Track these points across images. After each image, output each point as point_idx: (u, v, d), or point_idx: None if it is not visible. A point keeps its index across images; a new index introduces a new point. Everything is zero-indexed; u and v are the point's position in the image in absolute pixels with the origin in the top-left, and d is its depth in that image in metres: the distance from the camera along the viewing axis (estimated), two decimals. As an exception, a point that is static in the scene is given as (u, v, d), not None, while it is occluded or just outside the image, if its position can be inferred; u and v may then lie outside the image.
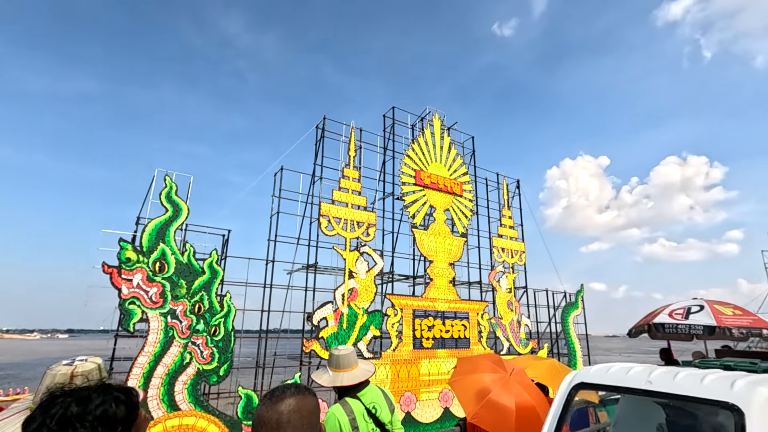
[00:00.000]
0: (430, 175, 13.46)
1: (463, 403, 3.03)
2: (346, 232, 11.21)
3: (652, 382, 2.27)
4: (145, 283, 8.31)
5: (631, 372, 2.43)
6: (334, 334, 10.35)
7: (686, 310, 4.11)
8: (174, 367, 8.30)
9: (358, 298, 10.96)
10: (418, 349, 11.71)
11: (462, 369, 3.28)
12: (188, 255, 8.91)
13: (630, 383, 2.35)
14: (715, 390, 2.05)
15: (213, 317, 8.93)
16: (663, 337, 4.30)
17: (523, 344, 14.30)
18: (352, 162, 11.92)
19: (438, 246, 13.00)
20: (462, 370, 3.27)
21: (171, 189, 8.95)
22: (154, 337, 8.24)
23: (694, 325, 4.08)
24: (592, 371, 2.55)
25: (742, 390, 1.98)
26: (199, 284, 8.90)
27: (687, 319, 3.98)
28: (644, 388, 2.29)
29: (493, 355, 3.50)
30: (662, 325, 3.98)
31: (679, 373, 2.27)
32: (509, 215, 15.66)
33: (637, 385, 2.32)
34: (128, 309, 8.05)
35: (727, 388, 2.02)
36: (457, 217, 13.85)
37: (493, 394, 2.86)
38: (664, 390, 2.22)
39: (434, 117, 14.35)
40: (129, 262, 8.21)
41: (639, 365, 2.50)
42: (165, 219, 8.77)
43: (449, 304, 12.66)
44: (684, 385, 2.18)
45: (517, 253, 15.39)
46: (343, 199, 11.40)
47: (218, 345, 8.86)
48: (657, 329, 4.01)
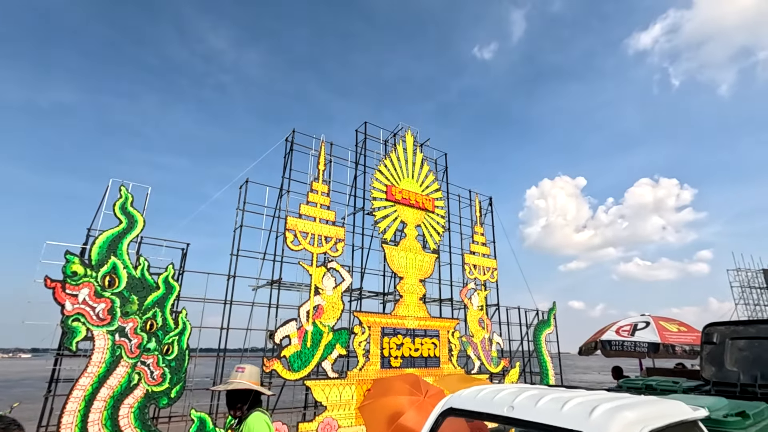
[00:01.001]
0: (401, 190, 13.38)
1: (371, 429, 2.81)
2: (313, 247, 10.95)
3: (514, 408, 2.07)
4: (92, 299, 7.84)
5: (497, 396, 2.22)
6: (297, 353, 9.97)
7: (633, 326, 4.02)
8: (120, 389, 7.78)
9: (323, 315, 10.64)
10: (386, 368, 11.38)
11: (375, 392, 3.08)
12: (142, 269, 8.49)
13: (494, 409, 2.12)
14: (572, 418, 1.87)
15: (166, 335, 8.47)
16: (615, 355, 4.19)
17: (495, 363, 14.12)
18: (321, 176, 11.75)
19: (408, 262, 12.83)
20: (375, 392, 3.07)
21: (126, 200, 8.57)
22: (99, 356, 7.73)
23: (640, 342, 3.99)
24: (463, 395, 2.30)
25: (599, 418, 1.80)
26: (153, 300, 8.47)
27: (633, 335, 3.89)
28: (506, 414, 2.08)
29: (411, 376, 3.31)
30: (609, 342, 3.87)
31: (544, 396, 2.08)
32: (481, 232, 15.67)
33: (499, 411, 2.09)
34: (71, 326, 7.55)
35: (585, 416, 1.85)
36: (428, 233, 13.76)
37: (404, 418, 2.65)
38: (524, 417, 2.01)
39: (407, 133, 14.38)
40: (75, 276, 7.75)
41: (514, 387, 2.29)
42: (118, 231, 8.36)
43: (419, 322, 12.43)
44: (544, 412, 1.99)
45: (489, 270, 15.35)
46: (310, 213, 11.18)
47: (171, 365, 8.39)
48: (604, 346, 3.89)
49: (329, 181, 11.93)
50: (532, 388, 2.27)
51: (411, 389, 2.85)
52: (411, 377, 3.12)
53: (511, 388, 2.25)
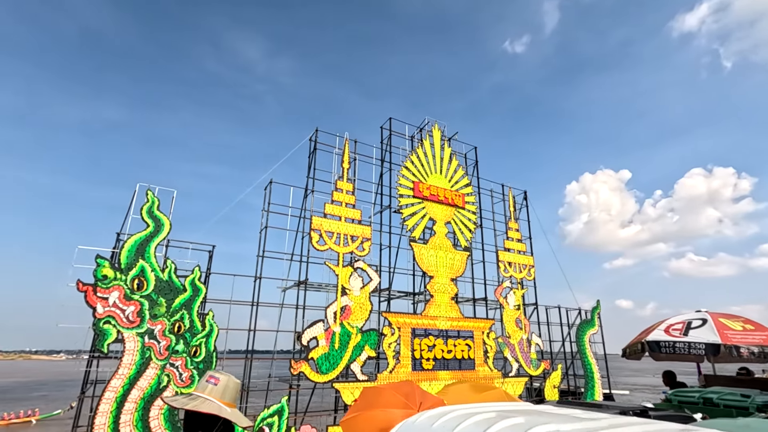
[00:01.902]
0: (429, 186, 12.96)
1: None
2: (339, 246, 10.74)
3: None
4: (122, 302, 7.97)
5: (438, 423, 1.81)
6: (325, 354, 9.78)
7: (686, 324, 3.44)
8: (150, 391, 7.86)
9: (351, 316, 10.40)
10: (418, 370, 10.99)
11: (362, 403, 2.71)
12: (169, 272, 8.57)
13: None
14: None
15: (194, 337, 8.50)
16: (666, 358, 3.62)
17: (534, 365, 13.37)
18: (346, 174, 11.54)
19: (439, 260, 12.38)
20: (361, 404, 2.70)
21: (153, 204, 8.70)
22: (130, 358, 7.85)
23: (695, 343, 3.39)
24: (417, 422, 1.87)
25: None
26: (180, 302, 8.53)
27: (686, 335, 3.32)
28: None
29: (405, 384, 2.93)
30: (657, 343, 3.32)
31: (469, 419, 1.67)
32: (516, 228, 14.95)
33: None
34: (103, 329, 7.70)
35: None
36: (459, 230, 13.24)
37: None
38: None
39: (434, 127, 13.94)
40: (105, 279, 7.91)
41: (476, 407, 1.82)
42: (145, 235, 8.49)
43: (451, 322, 11.94)
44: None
45: (526, 267, 14.59)
46: (335, 212, 10.99)
47: (199, 367, 8.41)
48: (652, 348, 3.34)
49: (354, 179, 11.70)
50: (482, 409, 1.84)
51: (404, 401, 2.50)
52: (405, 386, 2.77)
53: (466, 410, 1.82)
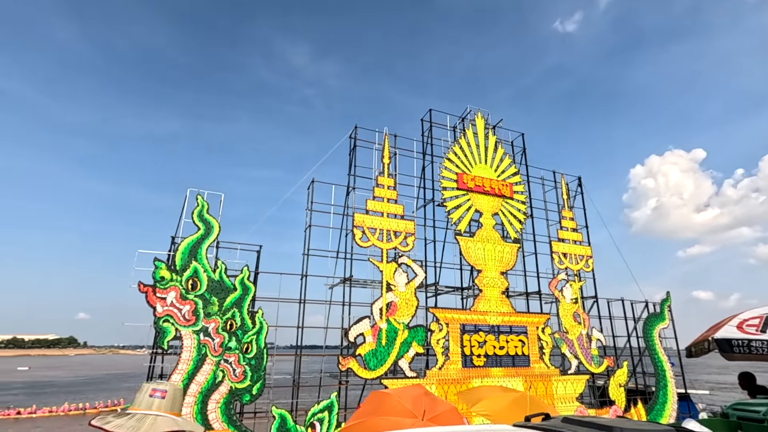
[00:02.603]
0: (474, 177, 12.52)
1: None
2: (382, 242, 10.67)
3: None
4: (179, 301, 8.44)
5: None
6: (372, 351, 9.77)
7: (763, 319, 2.92)
8: (207, 386, 8.26)
9: (397, 312, 10.31)
10: (469, 367, 10.68)
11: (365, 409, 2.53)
12: (220, 272, 8.95)
13: None
14: None
15: (245, 334, 8.82)
16: (741, 358, 3.13)
17: (596, 362, 12.52)
18: (387, 170, 11.43)
19: (487, 254, 11.93)
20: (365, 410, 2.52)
21: (202, 207, 9.12)
22: (188, 354, 8.29)
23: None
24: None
25: None
26: (231, 301, 8.88)
27: (764, 332, 2.81)
28: None
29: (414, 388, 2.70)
30: (728, 341, 2.84)
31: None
32: (570, 216, 14.06)
33: None
34: (162, 327, 8.20)
35: None
36: (507, 222, 12.68)
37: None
38: None
39: (476, 116, 13.44)
40: (163, 280, 8.41)
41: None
42: (197, 237, 8.92)
43: (503, 318, 11.48)
44: None
45: (583, 258, 13.69)
46: (377, 208, 10.92)
47: (251, 363, 8.71)
48: (722, 347, 2.87)
49: (395, 174, 11.56)
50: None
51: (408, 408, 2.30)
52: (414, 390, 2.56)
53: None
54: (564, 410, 11.35)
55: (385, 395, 2.56)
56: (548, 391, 11.38)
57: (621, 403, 12.38)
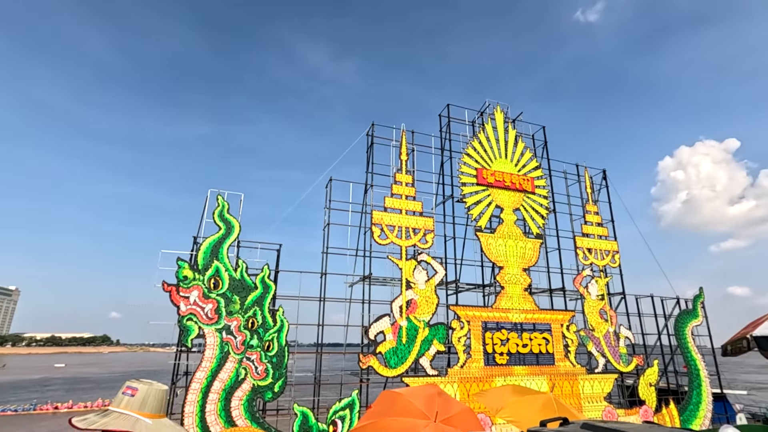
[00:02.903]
0: (494, 172, 12.29)
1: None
2: (401, 240, 10.60)
3: None
4: (201, 300, 8.59)
5: None
6: (393, 349, 9.72)
7: None
8: (230, 383, 8.38)
9: (417, 310, 10.22)
10: (491, 365, 10.51)
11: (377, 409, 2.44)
12: (241, 271, 9.07)
13: None
14: None
15: (266, 332, 8.91)
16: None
17: (624, 360, 12.12)
18: (404, 166, 11.34)
19: (508, 250, 11.71)
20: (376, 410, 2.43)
21: (223, 208, 9.25)
22: (211, 352, 8.43)
23: None
24: None
25: None
26: (252, 299, 8.98)
27: None
28: None
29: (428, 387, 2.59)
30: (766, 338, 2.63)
31: None
32: (595, 211, 13.65)
33: None
34: (186, 325, 8.37)
35: None
36: (529, 217, 12.41)
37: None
38: None
39: (495, 110, 13.19)
40: (186, 280, 8.57)
41: None
42: (218, 237, 9.06)
43: (526, 315, 11.24)
44: None
45: (609, 253, 13.27)
46: (395, 205, 10.86)
47: (272, 360, 8.80)
48: (761, 345, 2.66)
49: (413, 170, 11.47)
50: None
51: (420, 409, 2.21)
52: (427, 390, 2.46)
53: None
54: (591, 410, 11.05)
55: (396, 395, 2.50)
56: (574, 390, 11.09)
57: (652, 403, 11.96)
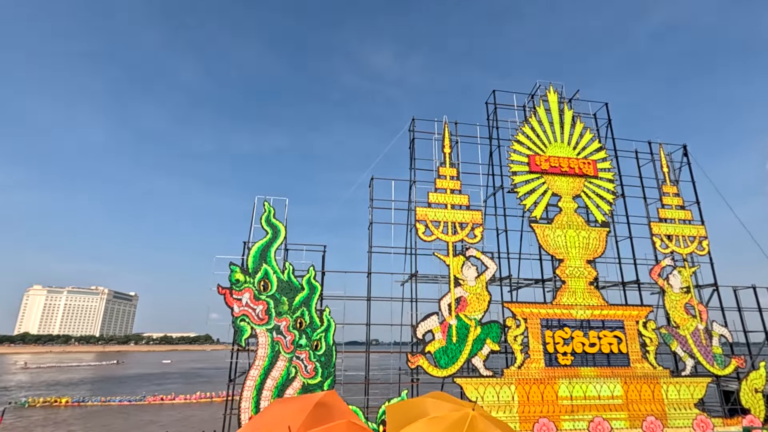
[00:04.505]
0: (548, 158, 11.40)
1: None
2: (447, 235, 10.26)
3: None
4: (253, 302, 9.05)
5: None
6: (443, 348, 9.42)
7: None
8: (282, 381, 8.72)
9: (468, 307, 9.81)
10: (553, 366, 9.73)
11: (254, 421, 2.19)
12: (288, 273, 9.40)
13: None
14: None
15: (314, 332, 9.14)
16: None
17: (720, 362, 10.49)
18: (448, 159, 10.96)
19: (568, 241, 10.77)
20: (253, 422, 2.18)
21: (269, 213, 9.68)
22: (263, 351, 8.84)
23: None
24: None
25: None
26: (300, 300, 9.27)
27: None
28: None
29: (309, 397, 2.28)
30: None
31: None
32: (674, 192, 12.04)
33: None
34: (240, 326, 8.87)
35: None
36: (592, 203, 11.31)
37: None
38: None
39: (548, 91, 12.23)
40: (238, 283, 9.10)
41: None
42: (266, 241, 9.48)
43: (592, 311, 10.24)
44: None
45: (694, 240, 11.60)
46: (440, 200, 10.53)
47: (321, 359, 8.99)
48: None
49: (458, 163, 11.04)
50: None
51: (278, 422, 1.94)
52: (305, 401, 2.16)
53: None
54: (678, 418, 9.74)
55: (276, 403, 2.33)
56: (656, 395, 9.85)
57: (759, 412, 10.22)
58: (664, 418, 9.67)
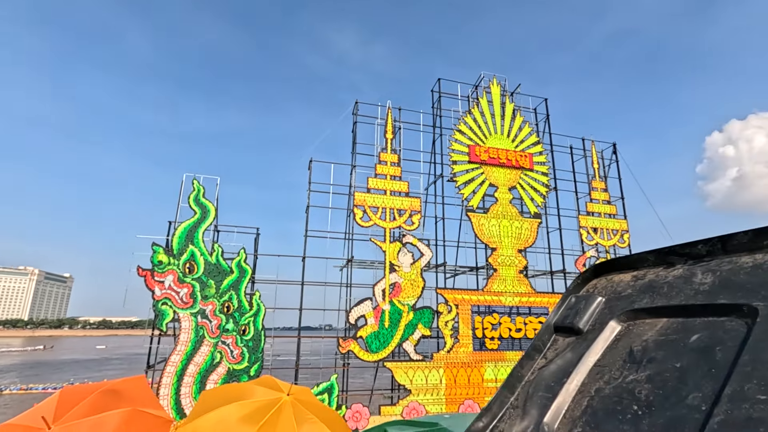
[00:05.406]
0: (488, 149, 11.63)
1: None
2: (385, 221, 10.25)
3: None
4: (176, 284, 8.62)
5: None
6: (375, 333, 9.48)
7: None
8: (205, 366, 8.43)
9: (402, 293, 9.90)
10: (482, 350, 10.09)
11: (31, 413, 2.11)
12: (216, 255, 9.02)
13: None
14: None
15: (242, 316, 8.87)
16: None
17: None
18: (389, 145, 10.91)
19: (502, 230, 11.12)
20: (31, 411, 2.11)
21: (198, 192, 9.20)
22: (186, 336, 8.48)
23: None
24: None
25: None
26: (228, 284, 8.94)
27: None
28: None
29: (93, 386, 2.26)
30: None
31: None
32: (602, 188, 12.74)
33: None
34: (161, 309, 8.43)
35: None
36: (527, 195, 11.72)
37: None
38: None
39: (491, 83, 12.43)
40: (161, 264, 8.61)
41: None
42: (193, 221, 9.02)
43: (520, 298, 10.69)
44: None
45: (617, 233, 12.38)
46: (379, 186, 10.48)
47: (248, 344, 8.76)
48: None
49: (399, 149, 11.02)
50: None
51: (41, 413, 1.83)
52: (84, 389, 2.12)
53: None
54: (592, 398, 10.47)
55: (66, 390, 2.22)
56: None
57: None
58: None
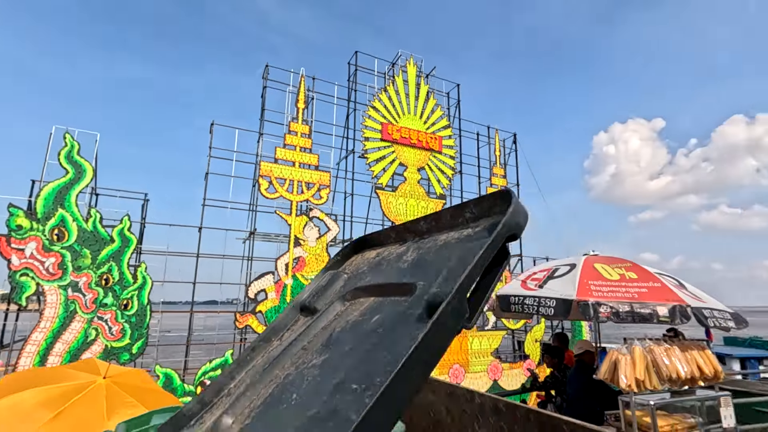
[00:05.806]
0: (400, 128, 11.78)
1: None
2: (292, 194, 9.92)
3: None
4: (41, 253, 7.47)
5: None
6: (275, 308, 9.26)
7: (549, 272, 2.57)
8: (76, 344, 7.52)
9: (306, 268, 9.76)
10: (381, 324, 10.44)
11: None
12: (93, 221, 7.98)
13: None
14: None
15: (124, 290, 8.04)
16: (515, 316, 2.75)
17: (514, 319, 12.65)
18: (301, 115, 10.48)
19: (409, 209, 11.46)
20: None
21: (72, 148, 7.97)
22: (52, 311, 7.45)
23: (545, 299, 2.51)
24: None
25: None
26: (107, 254, 7.99)
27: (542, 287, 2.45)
28: None
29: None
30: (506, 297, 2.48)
31: None
32: (502, 174, 13.73)
33: None
34: (20, 281, 7.27)
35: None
36: (434, 177, 12.17)
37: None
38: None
39: (408, 62, 12.51)
40: (20, 229, 7.37)
41: None
42: (65, 182, 7.83)
43: (421, 275, 11.20)
44: None
45: (511, 216, 13.51)
46: (288, 157, 10.07)
47: (131, 320, 7.99)
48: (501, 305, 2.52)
49: (311, 121, 10.65)
50: None
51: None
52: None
53: None
54: (478, 365, 11.49)
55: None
56: (463, 347, 11.42)
57: (535, 357, 12.68)
58: (466, 365, 11.29)
